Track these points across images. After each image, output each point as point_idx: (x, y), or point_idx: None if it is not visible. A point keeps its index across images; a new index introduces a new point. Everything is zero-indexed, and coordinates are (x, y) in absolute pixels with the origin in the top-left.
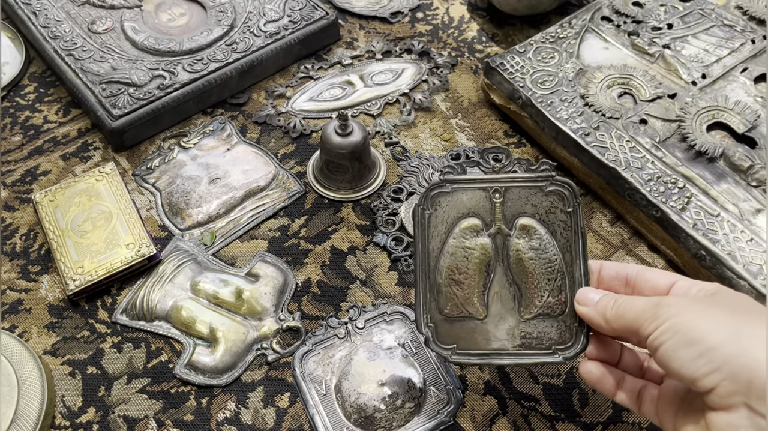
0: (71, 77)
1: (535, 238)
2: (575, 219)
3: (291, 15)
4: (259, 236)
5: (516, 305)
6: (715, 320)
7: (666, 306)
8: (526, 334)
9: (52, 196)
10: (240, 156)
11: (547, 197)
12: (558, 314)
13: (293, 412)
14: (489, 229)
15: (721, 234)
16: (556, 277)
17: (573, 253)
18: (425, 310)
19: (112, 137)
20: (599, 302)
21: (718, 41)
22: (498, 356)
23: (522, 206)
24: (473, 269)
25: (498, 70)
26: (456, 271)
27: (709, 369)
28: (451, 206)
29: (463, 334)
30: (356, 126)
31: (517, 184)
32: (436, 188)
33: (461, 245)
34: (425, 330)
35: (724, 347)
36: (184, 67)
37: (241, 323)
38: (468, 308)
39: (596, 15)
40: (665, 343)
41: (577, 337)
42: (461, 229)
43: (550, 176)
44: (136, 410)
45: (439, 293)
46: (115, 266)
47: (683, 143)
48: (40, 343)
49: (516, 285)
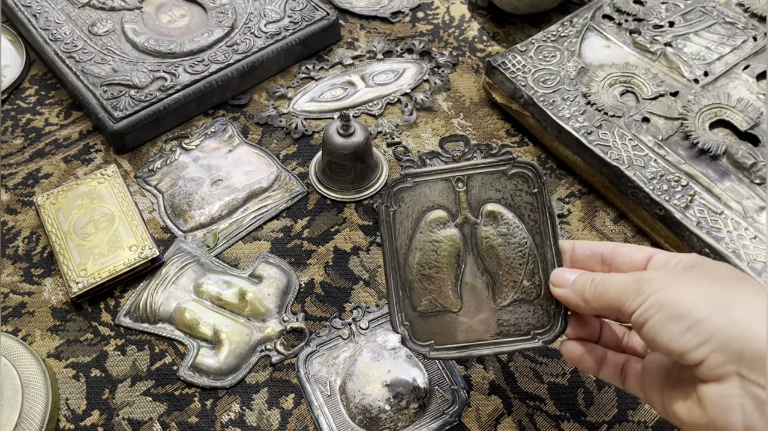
0: (72, 80)
1: (503, 223)
2: (541, 200)
3: (292, 16)
4: (261, 237)
5: (490, 293)
6: (701, 292)
7: (648, 281)
8: (503, 322)
9: (54, 199)
10: (242, 157)
11: (510, 180)
12: (534, 298)
13: (298, 413)
14: (455, 219)
15: (725, 232)
16: (528, 260)
17: (542, 234)
18: (399, 309)
19: (114, 139)
20: (576, 282)
21: (719, 39)
22: (477, 347)
23: (486, 193)
24: (443, 262)
25: (499, 69)
26: (426, 266)
27: (698, 342)
28: (415, 201)
29: (439, 329)
30: (358, 126)
31: (479, 170)
32: (398, 184)
33: (429, 239)
34: (401, 330)
35: (712, 318)
36: (185, 68)
37: (245, 324)
38: (442, 302)
39: (597, 13)
40: (651, 319)
41: (555, 319)
42: (427, 222)
43: (512, 158)
44: (140, 412)
45: (411, 290)
46: (118, 268)
47: (686, 141)
48: (44, 346)
49: (488, 274)
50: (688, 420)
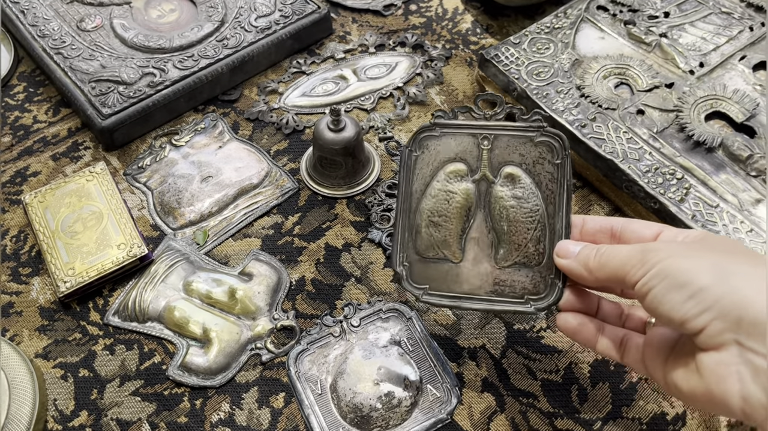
0: (60, 76)
1: (519, 187)
2: (562, 172)
3: (282, 9)
4: (252, 234)
5: (493, 251)
6: (704, 261)
7: (653, 251)
8: (500, 281)
9: (42, 197)
10: (232, 153)
11: (536, 147)
12: (534, 264)
13: (288, 412)
14: (474, 175)
15: (721, 225)
16: (536, 227)
17: (556, 206)
18: (401, 248)
19: (102, 136)
20: (581, 252)
21: (715, 29)
22: (468, 299)
23: (510, 155)
24: (453, 212)
25: (493, 62)
26: (436, 213)
27: (699, 310)
28: (439, 150)
29: (436, 276)
30: (349, 121)
31: (507, 132)
32: (426, 131)
33: (444, 188)
34: (399, 269)
35: (714, 287)
36: (175, 64)
37: (235, 323)
38: (444, 251)
39: (592, 4)
40: (654, 288)
41: (552, 289)
42: (446, 173)
43: (542, 126)
44: (129, 413)
45: (417, 233)
46: (106, 267)
47: (681, 133)
48: (32, 346)
49: (495, 232)
50: (687, 390)
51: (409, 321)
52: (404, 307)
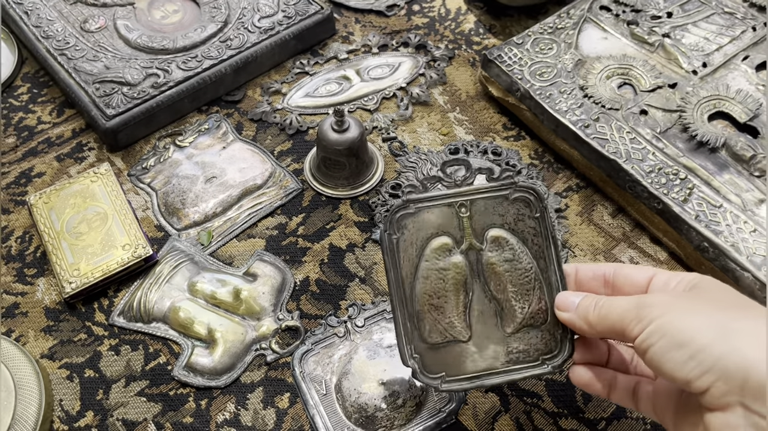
0: (64, 77)
1: (508, 249)
2: (543, 224)
3: (285, 10)
4: (256, 234)
5: (499, 321)
6: (702, 318)
7: (648, 306)
8: (512, 349)
9: (47, 198)
10: (236, 154)
11: (512, 204)
12: (541, 323)
13: (293, 413)
14: (460, 246)
15: (724, 225)
16: (534, 286)
17: (546, 259)
18: (408, 341)
19: (107, 137)
20: (580, 305)
21: (718, 29)
22: (488, 376)
23: (490, 218)
24: (450, 290)
25: (496, 62)
26: (434, 295)
27: (701, 371)
28: (419, 227)
29: (450, 360)
30: (353, 122)
31: (482, 195)
32: (400, 210)
33: (434, 267)
34: (411, 363)
35: (713, 347)
36: (178, 65)
37: (240, 323)
38: (451, 333)
39: (595, 4)
40: (653, 346)
41: (563, 344)
42: (432, 250)
43: (513, 182)
44: (134, 413)
45: (420, 320)
46: (111, 267)
47: (684, 134)
48: (37, 347)
49: (496, 301)
50: None
51: None
52: None
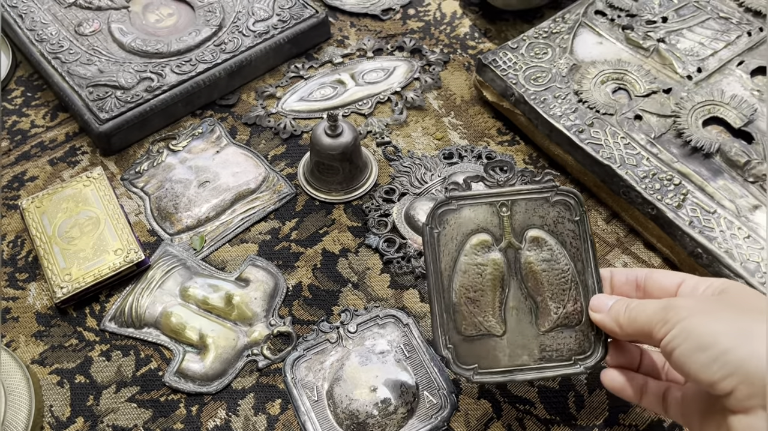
0: (58, 81)
1: (546, 249)
2: (583, 227)
3: (280, 14)
4: (249, 239)
5: (533, 318)
6: (725, 321)
7: (674, 309)
8: (545, 347)
9: (39, 202)
10: (229, 158)
11: (553, 207)
12: (575, 323)
13: (284, 419)
14: (499, 244)
15: (718, 231)
16: (570, 287)
17: (584, 261)
18: (443, 332)
19: (100, 141)
20: (612, 308)
21: (713, 34)
22: (520, 371)
23: (530, 218)
24: (487, 285)
25: (490, 66)
26: (470, 289)
27: (724, 373)
28: (460, 223)
29: (483, 353)
30: (346, 126)
31: (523, 196)
32: (443, 206)
33: (473, 262)
34: (445, 352)
35: (736, 350)
36: (172, 68)
37: (232, 329)
38: (486, 326)
39: (590, 9)
40: (678, 347)
41: (596, 345)
42: (472, 245)
43: (554, 186)
44: (125, 419)
45: (456, 312)
46: (103, 272)
47: (679, 139)
48: (28, 352)
49: (531, 298)
50: None
51: (406, 327)
52: (401, 313)
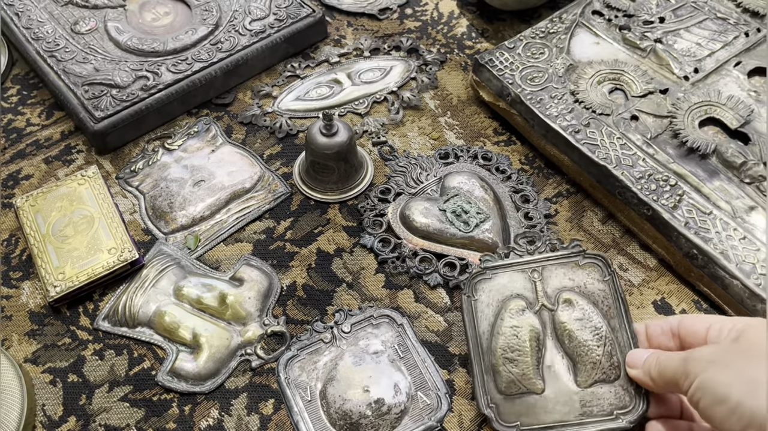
0: (53, 79)
1: (579, 309)
2: (612, 287)
3: (277, 13)
4: (243, 239)
5: (572, 375)
6: (735, 372)
7: (694, 361)
8: (585, 402)
9: (34, 200)
10: (225, 157)
11: (582, 269)
12: (614, 379)
13: (277, 419)
14: (534, 307)
15: (714, 232)
16: (605, 343)
17: (617, 318)
18: (484, 391)
19: (95, 140)
20: (645, 362)
21: (710, 35)
22: (562, 427)
23: (561, 282)
24: (525, 346)
25: (487, 66)
26: (509, 350)
27: (742, 426)
28: (495, 290)
29: (524, 410)
30: (342, 126)
31: (552, 262)
32: (478, 276)
33: (510, 325)
34: (487, 411)
35: (747, 402)
36: (168, 67)
37: (225, 328)
38: (525, 385)
39: (587, 9)
40: (701, 400)
41: (637, 399)
42: (508, 310)
43: (582, 251)
44: (117, 419)
45: (496, 373)
46: (96, 271)
47: (675, 140)
48: (21, 351)
49: (568, 356)
50: None
51: (400, 328)
52: (396, 313)
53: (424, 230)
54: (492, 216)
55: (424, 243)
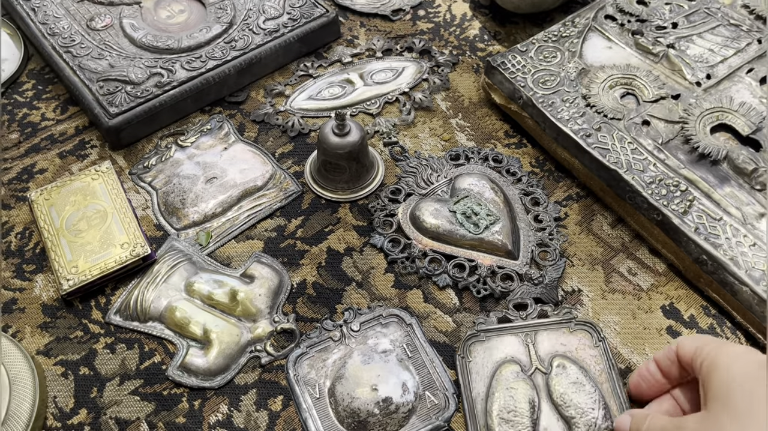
0: (69, 74)
1: (572, 373)
2: (603, 352)
3: (291, 12)
4: (255, 236)
5: None
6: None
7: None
8: None
9: (48, 194)
10: (237, 155)
11: (573, 335)
12: None
13: (286, 416)
14: (528, 370)
15: (724, 239)
16: (598, 407)
17: (609, 383)
18: None
19: (109, 135)
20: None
21: (723, 41)
22: None
23: (553, 346)
24: (520, 407)
25: (499, 69)
26: (504, 410)
27: None
28: (490, 353)
29: None
30: (354, 126)
31: (545, 328)
32: (472, 338)
33: (505, 386)
34: None
35: None
36: (183, 64)
37: (235, 324)
38: None
39: (600, 13)
40: None
41: None
42: (502, 373)
43: (573, 318)
44: (128, 412)
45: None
46: (109, 266)
47: (686, 145)
48: (34, 343)
49: (563, 419)
50: None
51: (409, 327)
52: (404, 313)
53: (433, 231)
54: (502, 218)
55: (434, 244)
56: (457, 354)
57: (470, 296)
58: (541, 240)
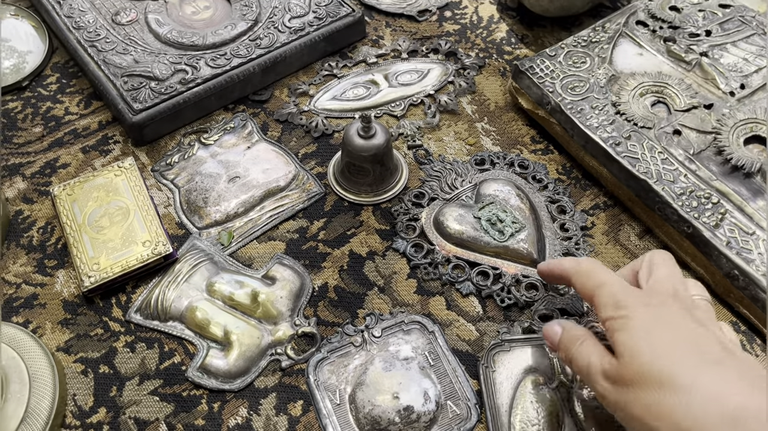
0: (93, 69)
1: None
2: None
3: (317, 11)
4: (277, 237)
5: None
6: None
7: None
8: None
9: (71, 190)
10: (260, 155)
11: None
12: None
13: (306, 421)
14: (552, 383)
15: (756, 254)
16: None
17: None
18: None
19: (132, 131)
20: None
21: (758, 50)
22: None
23: None
24: (544, 420)
25: (527, 73)
26: (528, 423)
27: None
28: (514, 364)
29: None
30: (379, 128)
31: None
32: (496, 347)
33: (528, 399)
34: None
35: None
36: (207, 61)
37: (256, 327)
38: None
39: (631, 19)
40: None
41: None
42: (526, 384)
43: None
44: (147, 412)
45: None
46: (131, 263)
47: (719, 157)
48: (54, 339)
49: None
50: None
51: (431, 335)
52: (427, 320)
53: (457, 237)
54: (527, 226)
55: (458, 250)
56: (480, 364)
57: (494, 305)
58: (567, 249)
